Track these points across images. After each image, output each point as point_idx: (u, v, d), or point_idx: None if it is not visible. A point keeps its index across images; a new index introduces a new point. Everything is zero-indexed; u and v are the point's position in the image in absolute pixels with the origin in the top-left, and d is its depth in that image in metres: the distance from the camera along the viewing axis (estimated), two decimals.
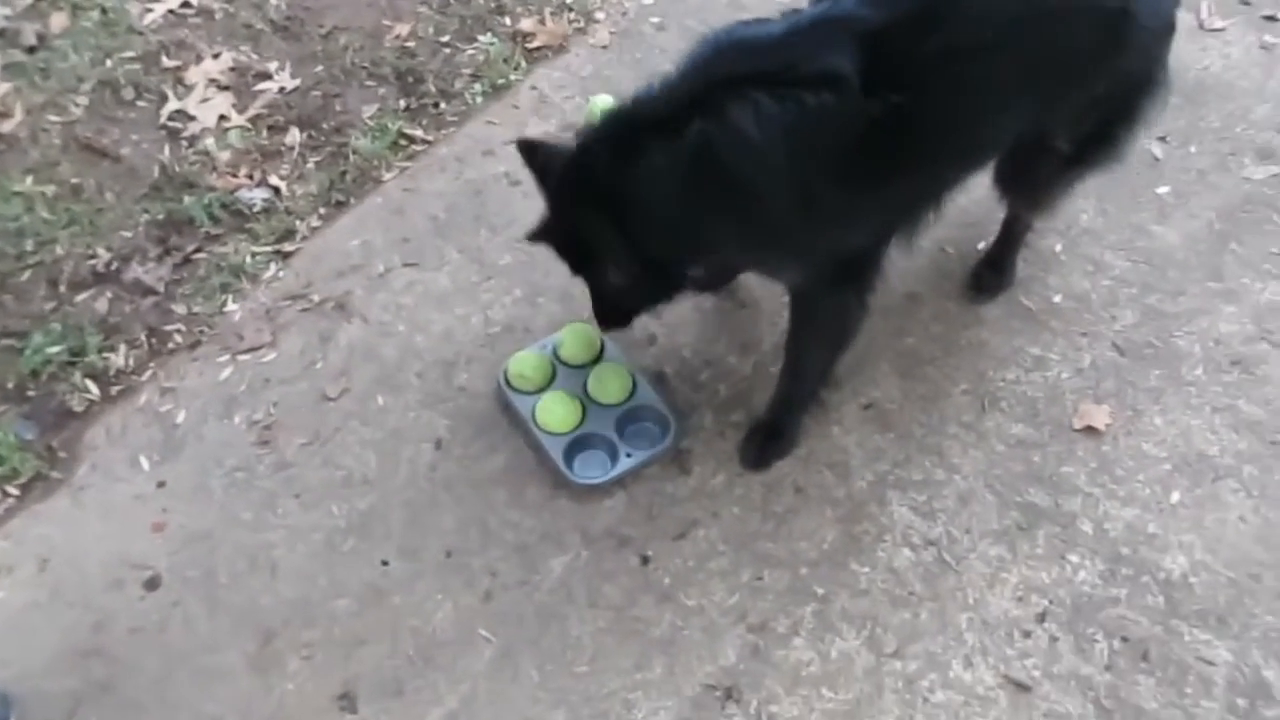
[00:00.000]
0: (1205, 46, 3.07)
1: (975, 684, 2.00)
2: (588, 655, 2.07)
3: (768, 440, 2.31)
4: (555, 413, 2.34)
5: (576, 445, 2.32)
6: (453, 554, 2.22)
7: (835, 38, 1.76)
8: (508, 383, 2.39)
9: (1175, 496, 2.21)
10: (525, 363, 2.41)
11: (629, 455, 2.29)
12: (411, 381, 2.48)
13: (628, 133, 1.85)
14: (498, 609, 2.14)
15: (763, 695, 2.01)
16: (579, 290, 2.22)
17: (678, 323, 2.53)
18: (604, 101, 2.92)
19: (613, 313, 2.18)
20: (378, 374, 2.50)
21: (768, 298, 2.59)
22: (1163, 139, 2.84)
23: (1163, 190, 2.74)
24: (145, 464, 2.38)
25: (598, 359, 2.44)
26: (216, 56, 3.22)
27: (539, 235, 2.08)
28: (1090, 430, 2.31)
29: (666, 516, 2.24)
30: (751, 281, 2.59)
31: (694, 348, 2.50)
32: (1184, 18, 3.08)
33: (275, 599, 2.17)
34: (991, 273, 2.55)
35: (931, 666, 2.03)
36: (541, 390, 2.39)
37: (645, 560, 2.19)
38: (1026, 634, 2.05)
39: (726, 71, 1.80)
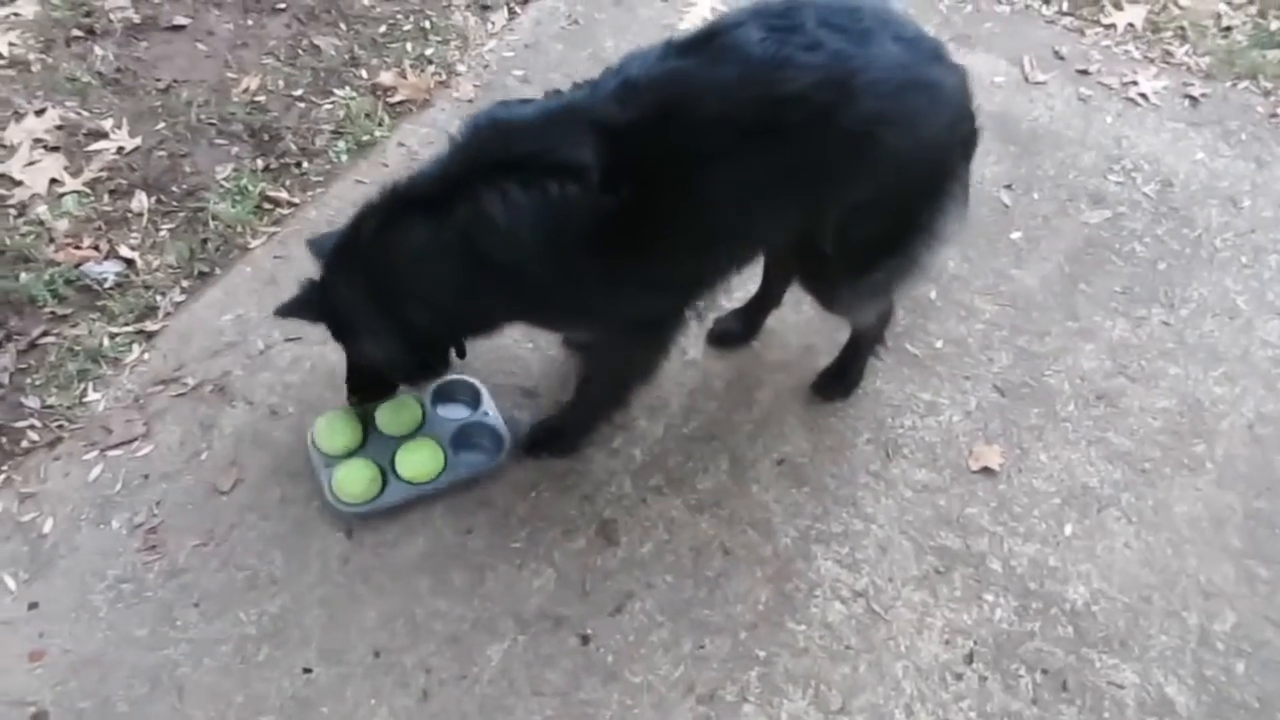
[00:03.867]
0: (1032, 98, 3.32)
1: None
2: None
3: (548, 437, 2.38)
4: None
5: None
6: (381, 653, 2.09)
7: (581, 131, 1.86)
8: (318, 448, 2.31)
9: (1068, 529, 2.37)
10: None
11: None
12: (308, 469, 2.32)
13: (397, 208, 1.96)
14: (438, 708, 2.03)
15: None
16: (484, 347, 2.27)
17: None
18: None
19: (368, 384, 2.27)
20: (272, 462, 2.33)
21: (670, 357, 2.59)
22: (1009, 187, 3.06)
23: (1015, 236, 2.94)
24: (11, 583, 2.13)
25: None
26: (40, 113, 2.94)
27: (291, 308, 2.16)
28: (986, 470, 2.45)
29: (600, 591, 2.21)
30: None
31: None
32: (1011, 71, 3.38)
33: None
34: (834, 380, 2.56)
35: None
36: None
37: (585, 639, 2.14)
38: (958, 676, 2.14)
39: (486, 155, 1.90)
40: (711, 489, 2.38)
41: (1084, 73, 3.42)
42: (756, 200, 1.92)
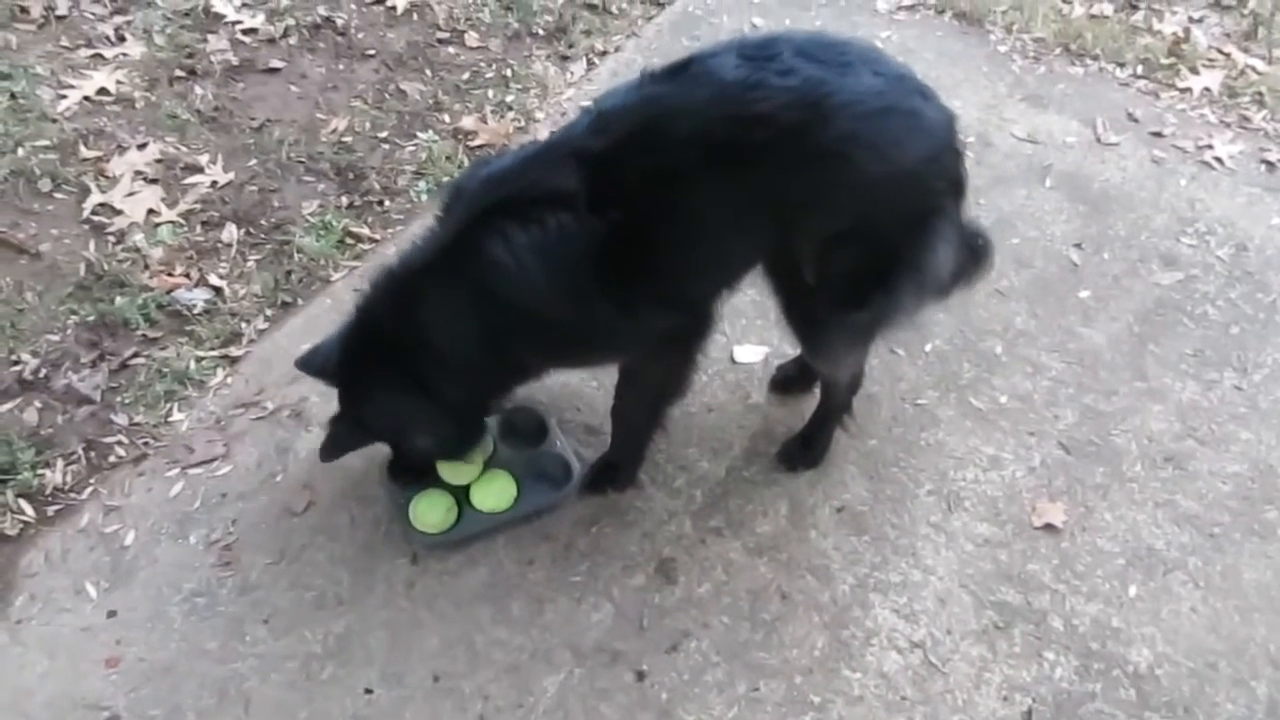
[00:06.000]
0: (1104, 159, 3.33)
1: None
2: None
3: (603, 473, 2.42)
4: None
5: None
6: (440, 678, 2.13)
7: (561, 160, 1.93)
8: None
9: (1132, 590, 2.34)
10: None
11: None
12: (380, 493, 2.39)
13: (406, 286, 2.00)
14: None
15: None
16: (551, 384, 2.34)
17: None
18: None
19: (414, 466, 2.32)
20: (343, 486, 2.40)
21: (733, 401, 2.63)
22: (1078, 245, 3.06)
23: (1084, 294, 2.93)
24: (93, 592, 2.22)
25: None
26: (142, 147, 3.10)
27: (337, 448, 2.22)
28: (1049, 528, 2.43)
29: (657, 628, 2.23)
30: (714, 385, 2.64)
31: (667, 453, 2.50)
32: (1083, 132, 3.39)
33: None
34: (801, 448, 2.51)
35: None
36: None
37: (640, 676, 2.16)
38: None
39: (477, 207, 1.95)
40: (770, 533, 2.39)
41: (1158, 135, 3.41)
42: (734, 217, 1.94)
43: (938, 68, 3.49)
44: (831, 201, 1.94)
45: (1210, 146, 3.36)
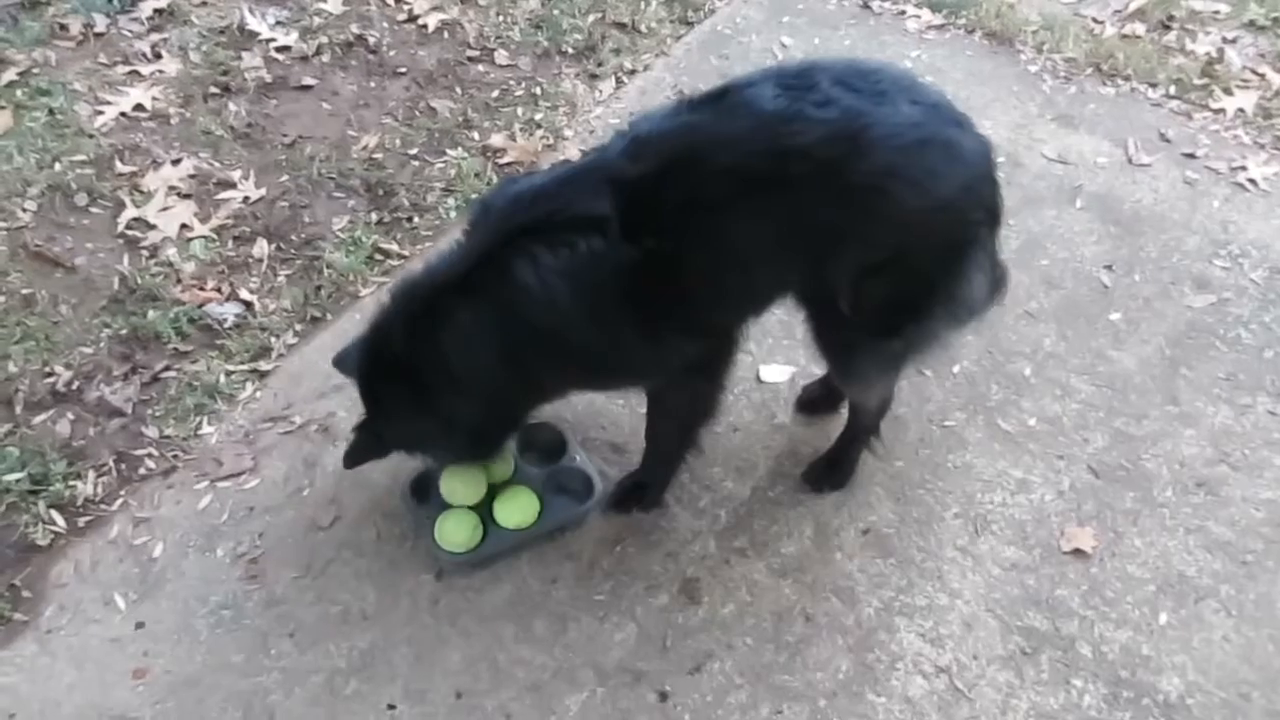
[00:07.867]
0: (1136, 180, 3.30)
1: None
2: None
3: (631, 492, 2.41)
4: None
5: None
6: (463, 695, 2.13)
7: (595, 185, 1.91)
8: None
9: (1163, 618, 2.30)
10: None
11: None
12: (405, 509, 2.40)
13: (429, 299, 1.98)
14: None
15: None
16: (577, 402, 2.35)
17: None
18: None
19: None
20: (370, 501, 2.41)
21: (759, 421, 2.63)
22: (1109, 267, 3.03)
23: (1115, 316, 2.90)
24: (121, 603, 2.23)
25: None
26: (176, 163, 3.14)
27: (358, 456, 2.20)
28: (1078, 553, 2.40)
29: (680, 649, 2.22)
30: (740, 405, 2.63)
31: (691, 472, 2.50)
32: (1114, 153, 3.37)
33: None
34: (828, 470, 2.50)
35: None
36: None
37: (663, 696, 2.15)
38: None
39: (507, 225, 1.94)
40: (795, 554, 2.38)
41: (1190, 156, 3.38)
42: (768, 248, 1.93)
43: (967, 87, 3.48)
44: (868, 234, 1.93)
45: (1244, 168, 3.33)
